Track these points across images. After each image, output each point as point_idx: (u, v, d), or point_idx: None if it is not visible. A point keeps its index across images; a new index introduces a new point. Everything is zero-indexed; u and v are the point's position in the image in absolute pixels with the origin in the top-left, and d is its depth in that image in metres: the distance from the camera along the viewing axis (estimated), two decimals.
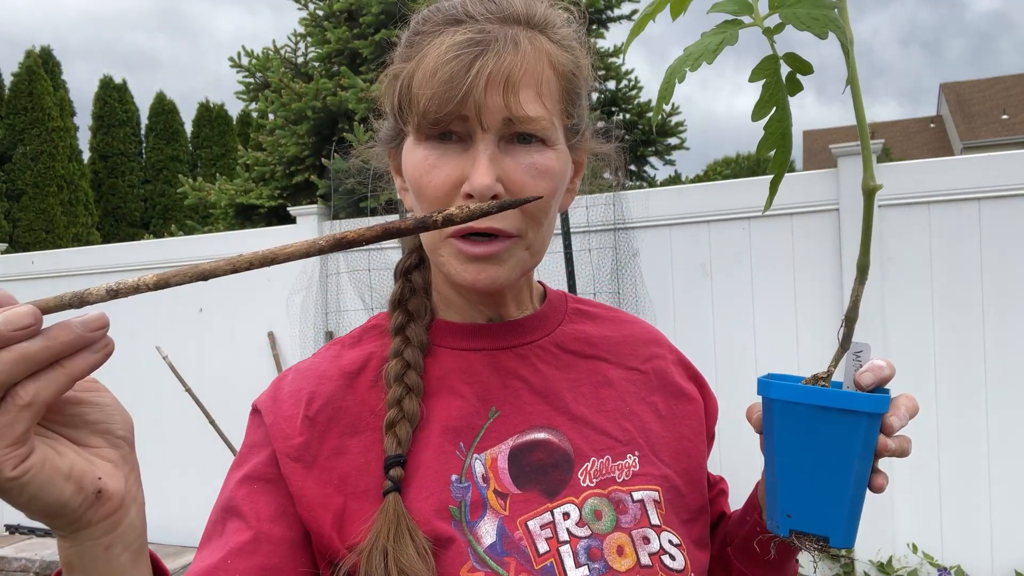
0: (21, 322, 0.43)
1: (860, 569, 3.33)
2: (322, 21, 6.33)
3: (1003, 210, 3.20)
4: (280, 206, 5.99)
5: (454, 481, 0.71)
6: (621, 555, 0.71)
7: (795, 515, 0.68)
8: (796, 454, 0.66)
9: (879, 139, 3.60)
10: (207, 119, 19.87)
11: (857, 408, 0.64)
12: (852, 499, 0.65)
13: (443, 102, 0.67)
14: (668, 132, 6.86)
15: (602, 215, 3.64)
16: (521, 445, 0.75)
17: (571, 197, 0.82)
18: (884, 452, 0.67)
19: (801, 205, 3.47)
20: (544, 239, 0.75)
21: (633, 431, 0.79)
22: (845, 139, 22.08)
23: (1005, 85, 29.73)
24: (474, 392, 0.76)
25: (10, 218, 16.23)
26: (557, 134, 0.73)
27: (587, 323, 0.86)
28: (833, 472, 0.65)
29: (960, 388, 3.24)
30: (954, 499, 3.26)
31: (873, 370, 0.68)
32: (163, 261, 4.80)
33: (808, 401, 0.65)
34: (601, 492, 0.74)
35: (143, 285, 0.47)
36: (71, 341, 0.45)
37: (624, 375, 0.83)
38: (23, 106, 16.56)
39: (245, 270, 0.48)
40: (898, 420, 0.67)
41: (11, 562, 4.66)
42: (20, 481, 0.43)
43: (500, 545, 0.69)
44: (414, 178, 0.72)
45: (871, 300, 3.30)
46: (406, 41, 0.75)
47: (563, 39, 0.75)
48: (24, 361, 0.43)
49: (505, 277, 0.73)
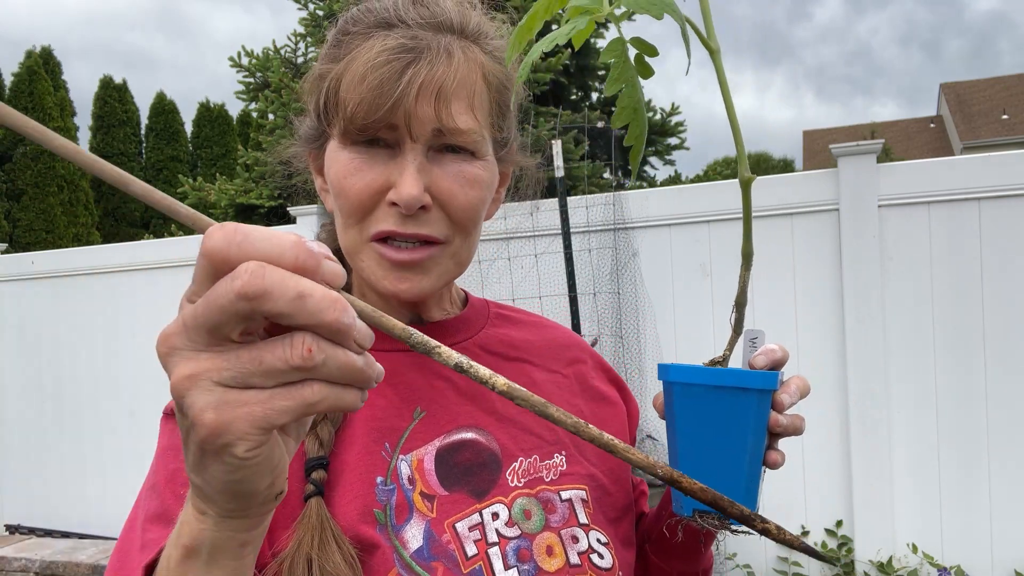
0: (365, 340, 0.39)
1: (860, 569, 3.33)
2: (322, 21, 6.33)
3: (1003, 210, 3.20)
4: (280, 206, 5.99)
5: (379, 483, 0.69)
6: (551, 555, 0.71)
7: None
8: (694, 433, 0.68)
9: (879, 139, 3.60)
10: (207, 119, 19.88)
11: (748, 385, 0.67)
12: (748, 475, 0.68)
13: (372, 109, 0.66)
14: (668, 132, 6.86)
15: (602, 215, 3.64)
16: (448, 445, 0.73)
17: (496, 207, 0.81)
18: (776, 428, 0.68)
19: (801, 205, 3.47)
20: (470, 248, 0.75)
21: (559, 431, 0.78)
22: (845, 139, 22.02)
23: (1005, 85, 29.73)
24: (398, 393, 0.74)
25: (10, 218, 16.23)
26: (487, 146, 0.72)
27: (510, 327, 0.85)
28: (729, 449, 0.67)
29: (960, 387, 3.24)
30: (954, 499, 3.26)
31: (766, 353, 0.70)
32: (163, 261, 4.80)
33: (703, 382, 0.68)
34: (529, 492, 0.74)
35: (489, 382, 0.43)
36: (367, 378, 0.40)
37: (548, 377, 0.83)
38: (23, 106, 16.55)
39: None
40: (788, 397, 0.69)
41: (11, 562, 4.66)
42: (245, 463, 0.39)
43: (427, 549, 0.67)
44: (337, 181, 0.70)
45: (871, 300, 3.30)
46: (333, 40, 0.73)
47: (496, 50, 0.74)
48: (340, 367, 0.38)
49: (429, 287, 0.71)
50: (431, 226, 0.69)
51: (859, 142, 3.34)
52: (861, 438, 3.33)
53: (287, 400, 0.38)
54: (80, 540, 4.97)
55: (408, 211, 0.67)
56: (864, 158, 3.36)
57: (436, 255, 0.71)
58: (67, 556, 4.60)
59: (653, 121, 6.77)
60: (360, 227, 0.70)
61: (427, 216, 0.69)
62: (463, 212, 0.70)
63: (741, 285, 0.69)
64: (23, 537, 5.13)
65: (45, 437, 5.16)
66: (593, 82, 6.98)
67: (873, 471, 3.33)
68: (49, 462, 5.15)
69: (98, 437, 4.97)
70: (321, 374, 0.38)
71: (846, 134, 32.92)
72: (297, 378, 0.38)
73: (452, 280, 0.76)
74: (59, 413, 5.11)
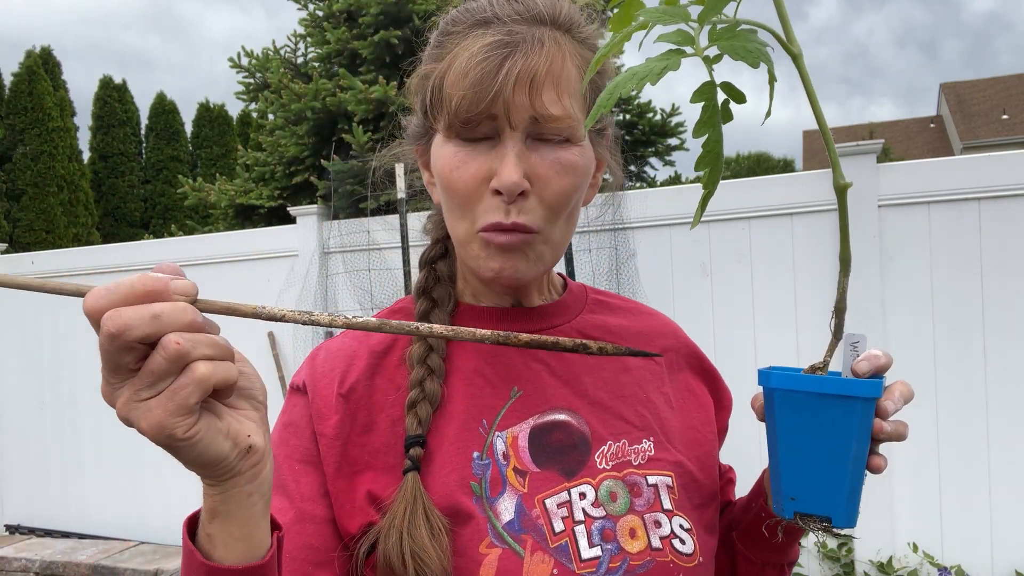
0: (187, 290, 0.49)
1: (860, 569, 3.33)
2: (322, 22, 6.32)
3: (1003, 210, 3.20)
4: (280, 206, 5.99)
5: (475, 458, 0.74)
6: (633, 537, 0.74)
7: (798, 498, 0.70)
8: (797, 440, 0.69)
9: (879, 139, 3.60)
10: (207, 119, 19.86)
11: (852, 393, 0.67)
12: (851, 481, 0.68)
13: (474, 102, 0.70)
14: (668, 133, 6.86)
15: (602, 215, 3.64)
16: (542, 425, 0.77)
17: (593, 192, 0.85)
18: (880, 435, 0.69)
19: (801, 205, 3.47)
20: (564, 234, 0.78)
21: (649, 417, 0.81)
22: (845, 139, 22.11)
23: (1005, 85, 29.73)
24: (497, 373, 0.78)
25: (10, 218, 16.23)
26: (581, 131, 0.75)
27: (607, 313, 0.88)
28: (832, 455, 0.68)
29: (960, 387, 3.24)
30: (954, 499, 3.26)
31: (869, 359, 0.70)
32: (163, 261, 4.79)
33: (806, 389, 0.68)
34: (617, 475, 0.77)
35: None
36: (230, 350, 0.52)
37: (641, 364, 0.85)
38: (23, 106, 16.54)
39: None
40: (892, 404, 0.70)
41: (11, 562, 4.66)
42: (190, 442, 0.49)
43: (518, 522, 0.71)
44: (444, 173, 0.75)
45: (871, 300, 3.30)
46: (435, 42, 0.78)
47: (587, 38, 0.77)
48: (209, 344, 0.49)
49: (526, 270, 0.75)
50: (528, 214, 0.73)
51: (859, 142, 3.34)
52: None
53: (186, 386, 0.48)
54: (80, 540, 4.96)
55: (509, 197, 0.71)
56: (864, 158, 3.36)
57: (531, 241, 0.74)
58: (67, 556, 4.60)
59: (653, 121, 6.77)
60: (470, 218, 0.75)
61: (525, 203, 0.73)
62: (556, 198, 0.74)
63: (840, 291, 0.69)
64: (23, 537, 5.13)
65: (45, 437, 5.16)
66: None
67: None
68: (49, 462, 5.15)
69: (98, 437, 4.96)
70: (198, 356, 0.48)
71: (846, 134, 32.93)
72: (182, 367, 0.48)
73: (549, 266, 0.79)
74: (59, 413, 5.11)
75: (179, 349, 0.47)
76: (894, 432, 0.70)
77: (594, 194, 0.85)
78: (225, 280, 4.63)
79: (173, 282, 0.49)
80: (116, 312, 0.46)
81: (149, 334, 0.47)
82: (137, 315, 0.46)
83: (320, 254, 4.36)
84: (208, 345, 0.49)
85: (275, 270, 4.51)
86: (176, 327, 0.47)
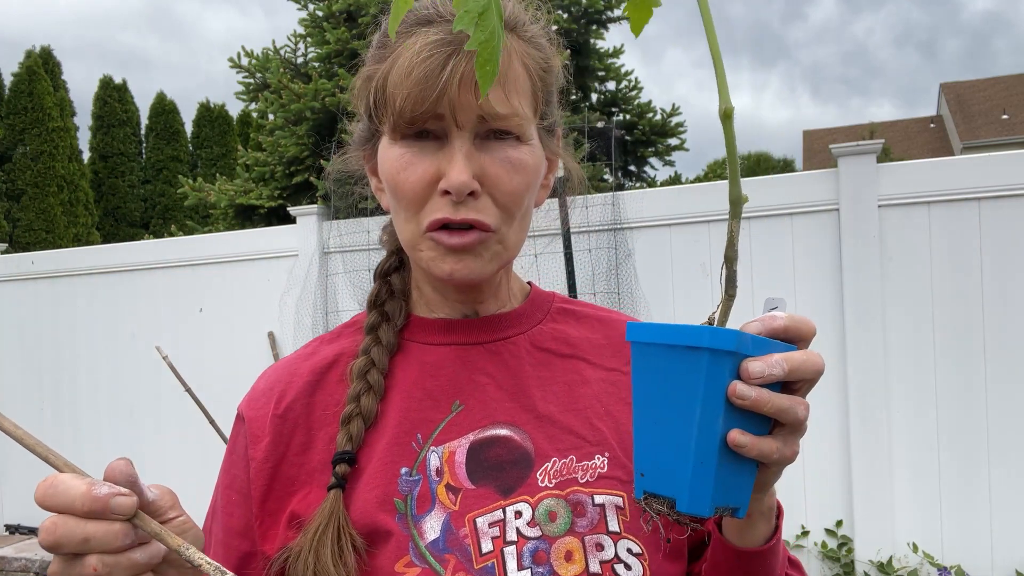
0: (125, 510, 0.52)
1: (860, 569, 3.33)
2: (321, 22, 6.33)
3: (1003, 210, 3.20)
4: (280, 206, 5.99)
5: (403, 474, 0.72)
6: (569, 560, 0.70)
7: (647, 473, 0.58)
8: (646, 403, 0.58)
9: (879, 139, 3.60)
10: (207, 119, 19.86)
11: (697, 344, 0.54)
12: (697, 453, 0.54)
13: (419, 101, 0.68)
14: (668, 133, 6.87)
15: (601, 215, 3.65)
16: (481, 440, 0.74)
17: (545, 193, 0.83)
18: (735, 398, 0.54)
19: (801, 205, 3.47)
20: (518, 233, 0.76)
21: (606, 432, 0.77)
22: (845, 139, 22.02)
23: (1005, 85, 29.73)
24: (439, 386, 0.76)
25: (10, 218, 16.23)
26: (531, 130, 0.74)
27: (570, 323, 0.85)
28: (678, 422, 0.55)
29: (960, 387, 3.24)
30: (954, 499, 3.27)
31: (763, 319, 0.59)
32: (163, 261, 4.80)
33: (654, 340, 0.57)
34: (559, 493, 0.72)
35: None
36: (150, 564, 0.55)
37: (603, 376, 0.81)
38: (23, 106, 16.54)
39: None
40: (764, 366, 0.54)
41: (11, 562, 4.66)
42: None
43: (443, 541, 0.69)
44: (390, 176, 0.73)
45: (871, 300, 3.30)
46: (378, 43, 0.76)
47: (532, 37, 0.76)
48: (127, 568, 0.53)
49: (481, 269, 0.73)
50: (481, 212, 0.71)
51: (859, 142, 3.34)
52: (861, 438, 3.33)
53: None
54: None
55: (458, 197, 0.70)
56: (864, 158, 3.36)
57: (487, 240, 0.72)
58: None
59: (653, 121, 6.77)
60: (417, 219, 0.73)
61: (476, 202, 0.71)
62: (508, 197, 0.72)
63: (730, 237, 0.56)
64: (23, 537, 5.13)
65: (45, 437, 5.14)
66: (593, 82, 6.98)
67: (873, 471, 3.33)
68: None
69: (97, 437, 4.97)
70: (118, 574, 0.52)
71: (846, 134, 32.93)
72: None
73: (503, 264, 0.77)
74: (59, 413, 5.11)
75: (95, 574, 0.51)
76: (761, 401, 0.54)
77: (545, 196, 0.82)
78: (225, 280, 4.63)
79: (113, 500, 0.51)
80: (53, 526, 0.51)
81: (78, 553, 0.51)
82: (69, 535, 0.50)
83: (320, 254, 4.36)
84: (125, 569, 0.52)
85: (275, 270, 4.51)
86: (102, 550, 0.51)
